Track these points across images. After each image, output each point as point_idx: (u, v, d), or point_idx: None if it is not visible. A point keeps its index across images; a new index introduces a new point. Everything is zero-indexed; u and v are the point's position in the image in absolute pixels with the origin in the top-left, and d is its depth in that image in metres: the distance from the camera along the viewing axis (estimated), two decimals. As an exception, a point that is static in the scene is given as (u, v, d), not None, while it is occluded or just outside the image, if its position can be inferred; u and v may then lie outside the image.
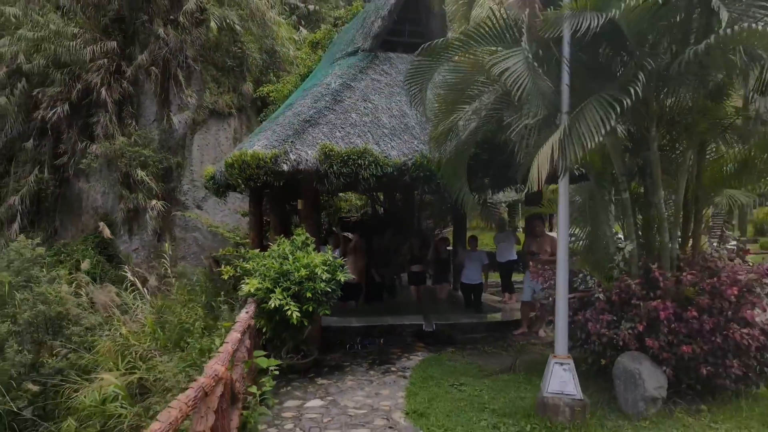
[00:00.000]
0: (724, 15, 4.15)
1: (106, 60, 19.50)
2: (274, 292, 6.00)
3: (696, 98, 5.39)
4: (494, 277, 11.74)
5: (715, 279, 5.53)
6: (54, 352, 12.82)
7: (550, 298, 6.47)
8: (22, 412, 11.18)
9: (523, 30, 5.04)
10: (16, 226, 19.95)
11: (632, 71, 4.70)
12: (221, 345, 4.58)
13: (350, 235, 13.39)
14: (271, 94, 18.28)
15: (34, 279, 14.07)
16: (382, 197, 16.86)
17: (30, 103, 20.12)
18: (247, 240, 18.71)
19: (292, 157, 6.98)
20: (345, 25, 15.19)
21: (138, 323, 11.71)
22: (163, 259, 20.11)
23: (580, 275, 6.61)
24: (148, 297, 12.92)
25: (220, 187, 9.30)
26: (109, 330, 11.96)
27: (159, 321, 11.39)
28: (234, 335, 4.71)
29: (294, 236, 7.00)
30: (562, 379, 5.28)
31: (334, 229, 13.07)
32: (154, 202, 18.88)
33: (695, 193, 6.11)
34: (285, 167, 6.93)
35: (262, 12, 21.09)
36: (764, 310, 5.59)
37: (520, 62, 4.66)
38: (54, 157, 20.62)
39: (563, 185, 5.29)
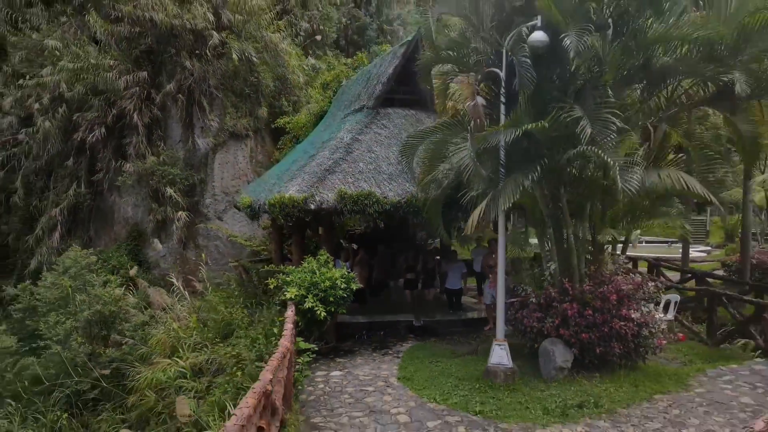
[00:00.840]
0: (587, 132, 6.90)
1: (138, 88, 22.31)
2: (307, 298, 8.80)
3: (585, 174, 8.19)
4: (471, 282, 14.50)
5: (604, 288, 8.34)
6: (111, 343, 15.67)
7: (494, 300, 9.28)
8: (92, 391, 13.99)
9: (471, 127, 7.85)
10: (56, 234, 22.80)
11: (536, 162, 7.51)
12: (281, 331, 7.37)
13: (355, 245, 16.23)
14: (287, 125, 20.95)
15: (89, 283, 16.88)
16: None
17: (69, 125, 22.91)
18: (263, 248, 21.57)
19: (317, 199, 9.78)
20: (352, 74, 17.84)
21: (184, 320, 14.49)
22: (189, 266, 23.01)
23: (522, 285, 9.42)
24: (189, 298, 15.70)
25: (255, 213, 12.11)
26: (158, 325, 14.73)
27: (200, 318, 14.17)
28: (289, 325, 7.51)
29: (318, 256, 9.79)
30: (499, 355, 8.10)
31: (343, 243, 15.84)
32: (180, 213, 21.66)
33: (596, 230, 8.92)
34: (312, 206, 9.73)
35: (275, 44, 23.88)
36: (636, 311, 8.39)
37: (466, 156, 7.44)
38: (90, 173, 23.45)
39: (501, 224, 8.09)
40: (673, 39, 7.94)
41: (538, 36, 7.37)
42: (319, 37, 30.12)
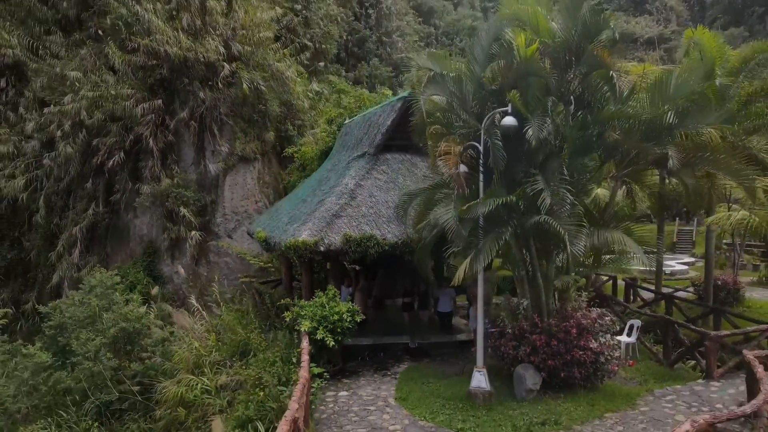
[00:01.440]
0: (547, 202, 8.58)
1: (153, 115, 23.97)
2: (318, 329, 10.48)
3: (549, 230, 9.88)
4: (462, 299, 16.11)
5: (566, 323, 10.02)
6: (136, 357, 17.30)
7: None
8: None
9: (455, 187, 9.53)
10: (76, 251, 24.50)
11: (509, 224, 9.18)
12: (298, 359, 9.03)
13: (357, 267, 17.91)
14: (295, 155, 22.58)
15: (114, 302, 18.52)
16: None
17: (89, 150, 24.56)
18: (269, 264, 23.17)
19: (326, 242, 11.44)
20: (356, 112, 19.51)
21: (203, 338, 16.12)
22: (201, 281, 24.63)
23: (501, 316, 11.10)
24: (207, 317, 17.33)
25: (270, 247, 13.77)
26: (179, 342, 16.35)
27: (219, 338, 15.81)
28: (305, 356, 9.18)
29: (327, 290, 11.48)
30: (479, 380, 9.78)
31: (346, 265, 17.50)
32: (193, 233, 23.35)
33: (561, 272, 10.60)
34: (322, 249, 11.40)
35: (281, 72, 25.53)
36: (594, 341, 10.07)
37: (450, 218, 9.12)
38: (107, 193, 25.14)
39: (480, 273, 9.76)
40: (623, 117, 9.61)
41: (509, 120, 9.04)
42: (322, 64, 31.68)
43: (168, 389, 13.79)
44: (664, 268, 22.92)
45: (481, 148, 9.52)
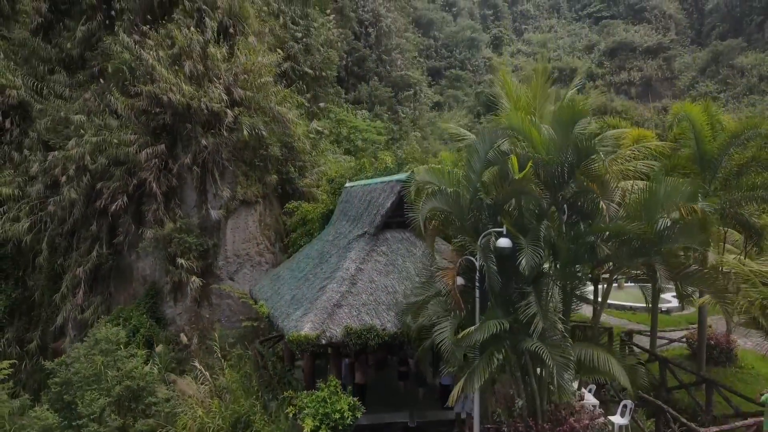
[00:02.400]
0: (539, 328, 8.98)
1: (156, 160, 24.29)
2: (321, 428, 10.88)
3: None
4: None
5: (559, 428, 10.42)
6: (141, 414, 17.67)
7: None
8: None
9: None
10: (80, 292, 24.87)
11: (502, 344, 9.60)
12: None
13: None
14: (296, 210, 22.95)
15: (119, 359, 18.93)
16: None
17: (92, 193, 24.93)
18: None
19: (327, 335, 11.83)
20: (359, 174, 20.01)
21: (206, 403, 16.51)
22: (203, 323, 24.97)
23: (497, 413, 11.50)
24: (210, 379, 17.73)
25: (272, 325, 14.15)
26: (182, 405, 16.72)
27: (221, 402, 16.21)
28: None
29: (328, 381, 11.88)
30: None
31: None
32: (193, 278, 23.68)
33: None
34: (323, 341, 11.79)
35: (282, 115, 25.89)
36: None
37: (447, 339, 9.53)
38: (111, 235, 25.50)
39: (476, 391, 10.14)
40: (612, 231, 9.99)
41: (503, 242, 9.42)
42: (323, 104, 32.02)
43: None
44: (660, 304, 23.38)
45: (476, 263, 9.91)
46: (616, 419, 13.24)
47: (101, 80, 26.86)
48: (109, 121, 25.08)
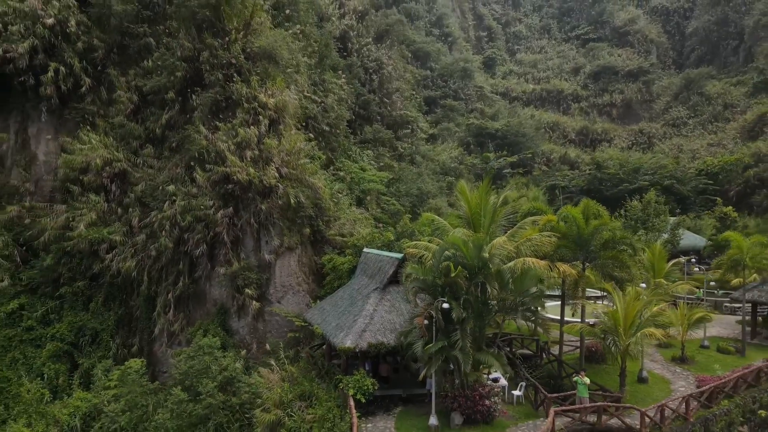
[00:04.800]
0: (459, 345, 20.24)
1: (226, 218, 35.65)
2: (357, 394, 22.23)
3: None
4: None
5: (474, 392, 21.76)
6: (233, 394, 28.92)
7: None
8: None
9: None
10: (170, 311, 36.22)
11: (443, 353, 20.93)
12: (346, 406, 20.87)
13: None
14: (328, 263, 34.33)
15: (218, 357, 30.21)
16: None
17: (180, 240, 36.22)
18: (306, 324, 34.99)
19: (359, 347, 23.02)
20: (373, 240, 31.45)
21: (279, 384, 27.83)
22: (259, 333, 36.28)
23: (446, 387, 22.87)
24: (278, 370, 29.07)
25: (324, 341, 25.56)
26: (262, 388, 28.03)
27: (289, 384, 27.52)
28: (353, 408, 20.93)
29: (359, 371, 23.21)
30: (432, 420, 21.54)
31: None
32: (253, 302, 35.01)
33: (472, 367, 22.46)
34: (357, 350, 23.08)
35: (314, 185, 37.26)
36: (489, 400, 21.79)
37: (418, 349, 20.80)
38: (191, 271, 36.82)
39: (433, 379, 21.54)
40: (496, 298, 21.42)
41: (445, 305, 20.69)
42: (343, 175, 43.36)
43: (262, 416, 25.54)
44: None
45: (433, 314, 21.24)
46: (515, 391, 24.68)
47: (178, 152, 38.15)
48: (191, 189, 36.39)
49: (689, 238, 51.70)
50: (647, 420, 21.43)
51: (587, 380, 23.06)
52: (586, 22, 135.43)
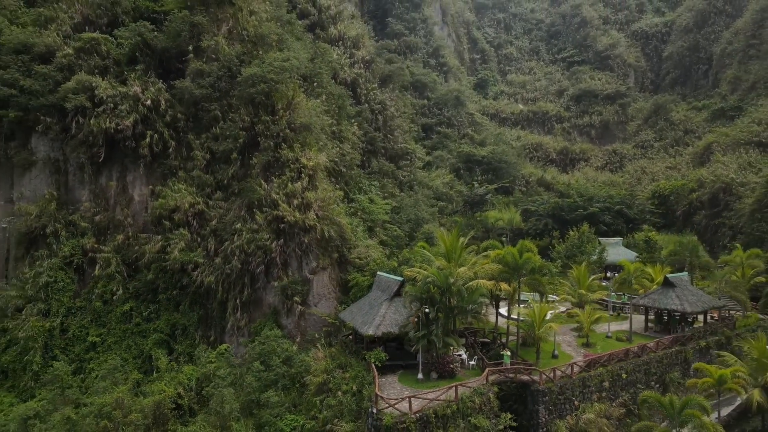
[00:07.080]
0: (437, 332, 37.14)
1: (279, 247, 52.73)
2: (374, 361, 39.24)
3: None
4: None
5: (445, 358, 38.82)
6: (290, 366, 46.23)
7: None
8: None
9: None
10: (238, 312, 53.34)
11: (428, 336, 37.93)
12: (369, 370, 38.04)
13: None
14: (353, 280, 51.57)
15: (280, 344, 47.39)
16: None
17: (246, 262, 53.18)
18: (335, 321, 52.22)
19: (377, 334, 40.01)
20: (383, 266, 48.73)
21: (323, 359, 44.92)
22: (302, 327, 53.69)
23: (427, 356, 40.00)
24: (321, 349, 46.14)
25: (354, 331, 42.67)
26: (312, 362, 45.20)
27: (332, 361, 44.64)
28: (374, 370, 38.00)
29: (376, 350, 40.17)
30: (419, 376, 38.59)
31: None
32: (299, 306, 52.14)
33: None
34: (376, 336, 40.12)
35: (341, 223, 54.34)
36: (455, 363, 38.79)
37: (412, 335, 37.70)
38: (252, 283, 53.88)
39: (420, 353, 38.62)
40: (456, 308, 38.61)
41: (426, 310, 37.61)
42: (356, 208, 60.61)
43: (313, 379, 42.84)
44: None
45: (421, 316, 38.15)
46: (471, 362, 41.78)
47: (240, 198, 55.20)
48: (252, 225, 53.44)
49: (623, 255, 68.32)
50: (544, 377, 38.50)
51: (509, 353, 40.27)
52: (572, 45, 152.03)
